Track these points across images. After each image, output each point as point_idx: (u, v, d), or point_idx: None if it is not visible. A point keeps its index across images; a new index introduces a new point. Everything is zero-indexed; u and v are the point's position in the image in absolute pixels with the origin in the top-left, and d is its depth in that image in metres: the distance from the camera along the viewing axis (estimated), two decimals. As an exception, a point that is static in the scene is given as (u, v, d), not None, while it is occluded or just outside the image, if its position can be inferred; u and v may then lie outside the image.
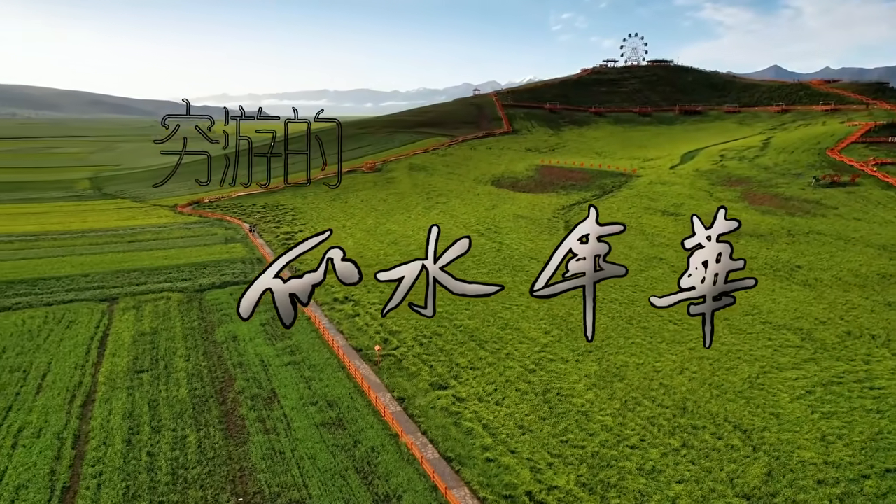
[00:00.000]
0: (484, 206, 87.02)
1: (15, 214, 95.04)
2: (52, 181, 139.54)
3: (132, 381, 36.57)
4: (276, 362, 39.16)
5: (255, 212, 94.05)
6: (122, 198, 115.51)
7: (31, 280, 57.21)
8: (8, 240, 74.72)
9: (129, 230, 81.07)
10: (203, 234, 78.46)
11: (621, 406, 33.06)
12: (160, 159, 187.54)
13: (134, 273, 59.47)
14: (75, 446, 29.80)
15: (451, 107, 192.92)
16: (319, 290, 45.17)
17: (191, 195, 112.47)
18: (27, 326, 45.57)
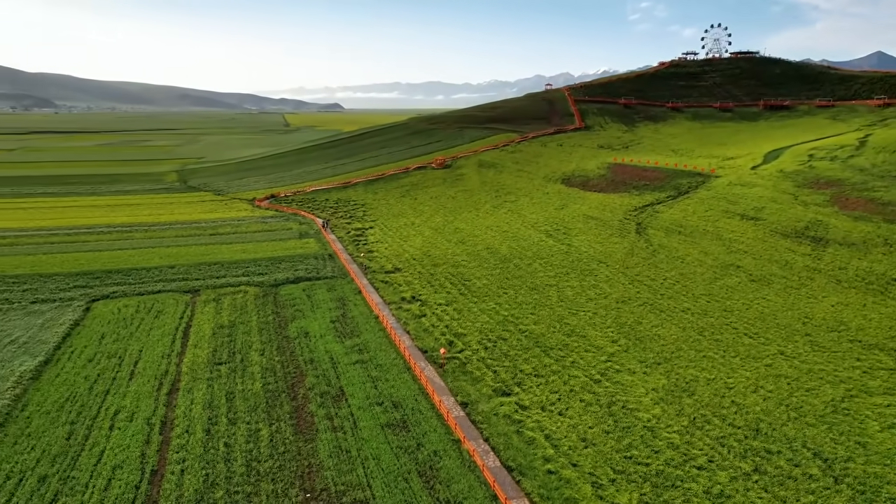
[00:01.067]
0: (553, 206, 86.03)
1: (113, 206, 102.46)
2: (144, 174, 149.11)
3: (211, 372, 38.85)
4: (344, 360, 40.50)
5: (328, 207, 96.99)
6: (204, 191, 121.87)
7: (125, 270, 61.71)
8: (107, 230, 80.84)
9: (211, 223, 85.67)
10: (279, 228, 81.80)
11: (689, 423, 32.11)
12: (241, 152, 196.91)
13: (215, 266, 62.93)
14: (162, 432, 32.09)
15: (521, 102, 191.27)
16: (387, 288, 46.98)
17: (268, 189, 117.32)
18: (122, 314, 49.27)
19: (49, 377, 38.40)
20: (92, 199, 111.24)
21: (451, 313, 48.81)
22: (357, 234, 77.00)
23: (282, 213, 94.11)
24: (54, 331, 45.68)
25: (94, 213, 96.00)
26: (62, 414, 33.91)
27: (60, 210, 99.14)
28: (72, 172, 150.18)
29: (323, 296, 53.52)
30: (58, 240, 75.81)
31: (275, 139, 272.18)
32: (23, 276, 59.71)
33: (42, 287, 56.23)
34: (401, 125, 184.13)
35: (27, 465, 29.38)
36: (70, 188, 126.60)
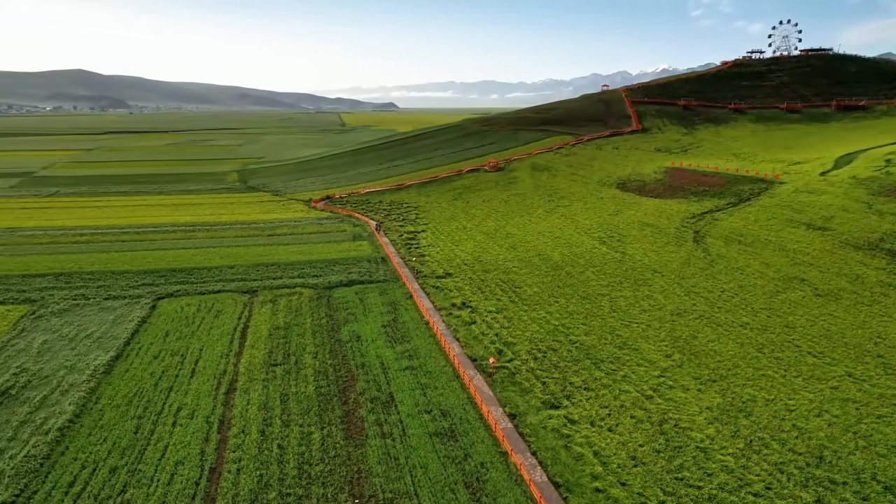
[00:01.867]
0: (607, 211, 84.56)
1: (178, 205, 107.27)
2: (207, 173, 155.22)
3: (267, 373, 40.22)
4: (394, 366, 41.13)
5: (381, 209, 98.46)
6: (263, 191, 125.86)
7: (188, 269, 64.54)
8: (172, 230, 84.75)
9: (269, 224, 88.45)
10: (333, 230, 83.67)
11: (745, 446, 31.04)
12: (298, 152, 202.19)
13: (272, 267, 64.98)
14: (220, 431, 33.49)
15: (577, 104, 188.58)
16: (438, 294, 47.29)
17: (324, 190, 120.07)
18: (184, 313, 51.59)
19: (119, 372, 40.66)
20: (159, 199, 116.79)
21: (501, 321, 48.79)
22: (409, 238, 77.89)
23: (336, 214, 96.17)
24: (124, 327, 48.31)
25: (161, 212, 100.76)
26: (130, 408, 35.88)
27: (131, 209, 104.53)
28: (142, 172, 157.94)
29: (375, 300, 54.45)
30: (128, 238, 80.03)
31: (331, 139, 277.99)
32: (97, 272, 63.31)
33: (114, 284, 59.49)
34: (454, 126, 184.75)
35: (100, 455, 31.25)
36: (140, 187, 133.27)
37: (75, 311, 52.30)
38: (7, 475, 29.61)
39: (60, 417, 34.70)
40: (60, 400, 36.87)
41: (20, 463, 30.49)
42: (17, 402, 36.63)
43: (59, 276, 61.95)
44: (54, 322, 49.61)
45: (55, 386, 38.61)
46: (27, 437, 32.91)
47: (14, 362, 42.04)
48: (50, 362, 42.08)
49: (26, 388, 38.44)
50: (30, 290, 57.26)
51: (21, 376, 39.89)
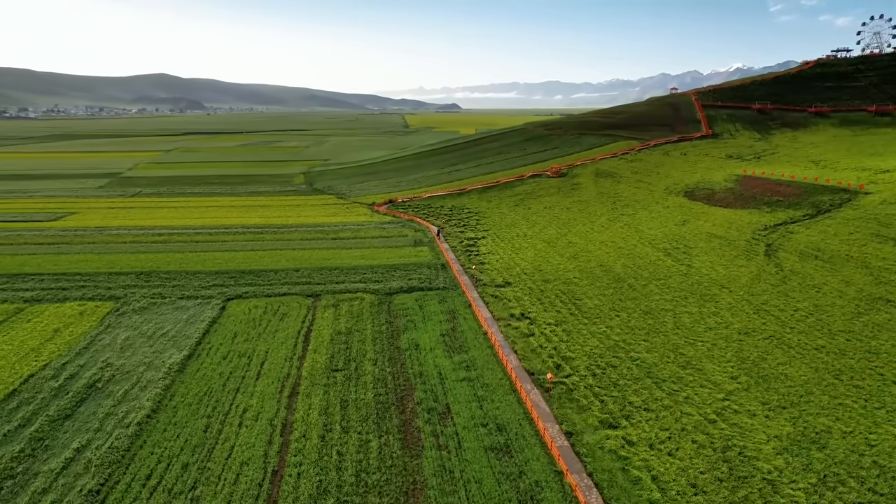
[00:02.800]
0: (673, 221, 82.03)
1: (248, 207, 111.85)
2: (275, 175, 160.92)
3: (328, 378, 41.43)
4: (452, 376, 41.48)
5: (442, 214, 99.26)
6: (328, 193, 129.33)
7: (256, 271, 67.23)
8: (242, 231, 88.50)
9: (333, 227, 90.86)
10: (395, 234, 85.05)
11: (818, 482, 29.50)
12: (363, 154, 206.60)
13: (335, 271, 66.77)
14: (282, 434, 34.80)
15: (643, 108, 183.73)
16: (497, 303, 47.25)
17: (387, 193, 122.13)
18: (252, 315, 53.82)
19: (191, 371, 42.90)
20: (230, 200, 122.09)
21: (559, 334, 48.31)
22: (469, 244, 78.19)
23: (398, 219, 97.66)
24: (196, 326, 50.91)
25: (232, 213, 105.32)
26: (201, 407, 37.82)
27: (204, 210, 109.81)
28: (215, 173, 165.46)
29: (434, 307, 55.04)
30: (201, 238, 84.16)
31: (394, 141, 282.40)
32: (173, 272, 66.97)
33: (188, 284, 62.75)
34: (517, 130, 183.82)
35: (173, 451, 33.14)
36: (213, 188, 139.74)
37: (153, 309, 55.54)
38: (94, 464, 31.90)
39: (139, 412, 37.00)
40: (139, 395, 39.30)
41: (105, 453, 32.76)
42: (103, 395, 39.33)
43: (140, 275, 65.92)
44: (135, 319, 52.88)
45: (135, 381, 41.17)
46: (111, 430, 35.31)
47: (101, 356, 45.13)
48: (131, 358, 44.90)
49: (110, 382, 41.19)
50: (115, 288, 61.23)
51: (106, 370, 42.80)
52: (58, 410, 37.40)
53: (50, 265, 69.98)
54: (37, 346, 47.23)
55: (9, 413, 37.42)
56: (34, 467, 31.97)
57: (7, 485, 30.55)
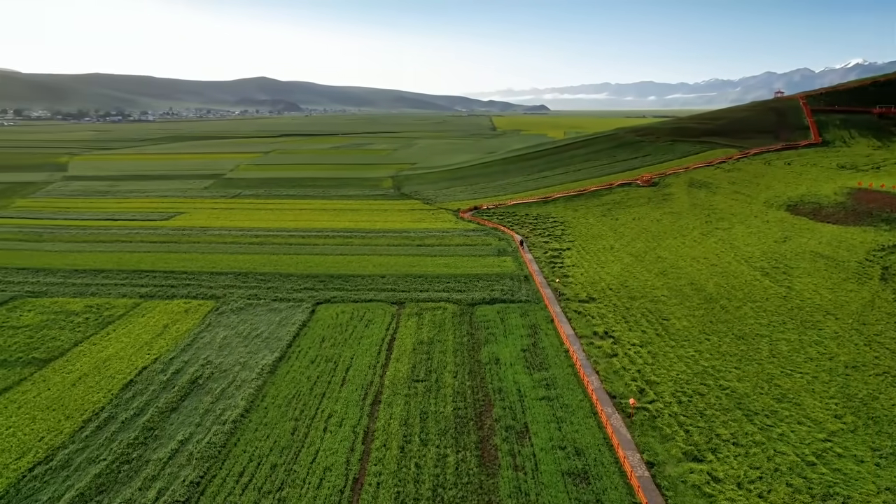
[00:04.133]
0: (773, 238, 77.12)
1: (338, 210, 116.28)
2: (365, 178, 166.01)
3: (409, 389, 42.43)
4: (531, 394, 41.30)
5: (527, 223, 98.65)
6: (415, 198, 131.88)
7: (344, 276, 69.83)
8: (332, 235, 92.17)
9: (419, 233, 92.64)
10: (479, 243, 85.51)
11: (931, 541, 26.96)
12: (450, 158, 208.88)
13: (419, 279, 68.10)
14: (364, 442, 36.07)
15: (744, 113, 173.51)
16: (580, 319, 46.40)
17: (472, 200, 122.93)
18: (339, 320, 56.02)
19: (282, 373, 45.31)
20: (322, 203, 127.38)
21: (644, 356, 46.85)
22: (554, 256, 77.26)
23: (483, 226, 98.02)
24: (287, 329, 53.66)
25: (323, 216, 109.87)
26: (289, 410, 39.89)
27: (297, 212, 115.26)
28: (308, 175, 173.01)
29: (516, 321, 54.94)
30: (295, 241, 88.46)
31: (481, 144, 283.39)
32: (268, 274, 70.89)
33: (281, 286, 66.20)
34: (607, 136, 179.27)
35: (263, 451, 35.23)
36: (306, 191, 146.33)
37: (249, 309, 59.09)
38: (195, 457, 34.54)
39: (234, 410, 39.59)
40: (235, 394, 42.02)
41: (204, 448, 35.37)
42: (203, 392, 42.39)
43: (238, 276, 70.29)
44: (233, 319, 56.49)
45: (231, 380, 44.05)
46: (209, 425, 38.04)
47: (202, 354, 48.64)
48: (228, 357, 48.06)
49: (210, 379, 44.31)
50: (216, 288, 65.68)
51: (206, 368, 46.07)
52: (166, 403, 40.71)
53: (161, 263, 76.09)
54: (149, 340, 51.58)
55: (126, 402, 41.18)
56: (146, 455, 35.03)
57: (124, 469, 33.70)
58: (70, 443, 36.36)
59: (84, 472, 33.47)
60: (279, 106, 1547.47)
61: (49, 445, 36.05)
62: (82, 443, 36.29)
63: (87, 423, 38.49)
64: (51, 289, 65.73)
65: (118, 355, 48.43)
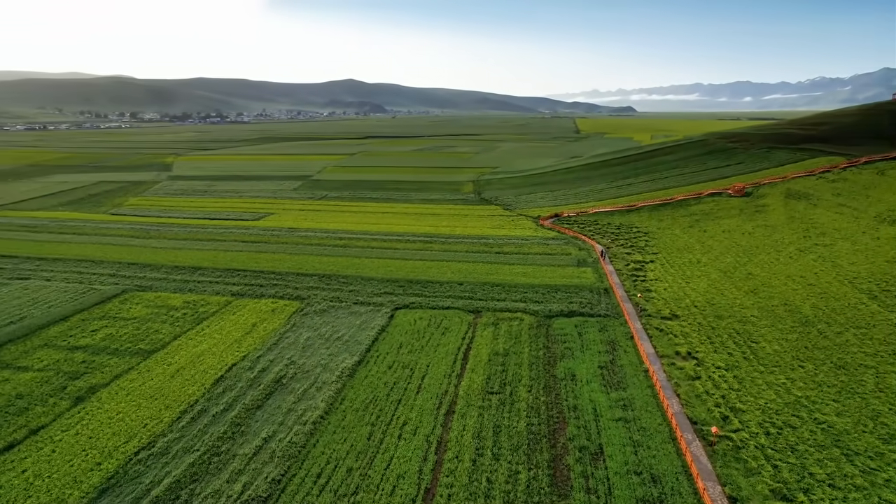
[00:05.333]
0: (884, 257, 71.02)
1: (419, 214, 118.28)
2: (445, 182, 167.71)
3: (483, 401, 42.61)
4: (607, 414, 40.39)
5: (609, 232, 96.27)
6: (495, 204, 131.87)
7: (423, 281, 70.99)
8: (413, 239, 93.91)
9: (497, 240, 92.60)
10: (558, 252, 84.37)
11: None
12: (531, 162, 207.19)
13: (497, 288, 68.13)
14: (437, 452, 36.62)
15: (853, 117, 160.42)
16: (662, 338, 44.84)
17: (552, 207, 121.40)
18: (416, 326, 57.05)
19: (360, 376, 46.78)
20: (403, 207, 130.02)
21: (729, 381, 44.60)
22: (636, 268, 74.96)
23: (563, 235, 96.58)
24: (367, 333, 55.28)
25: (405, 220, 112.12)
26: (366, 414, 41.13)
27: (380, 216, 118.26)
28: (391, 178, 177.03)
29: (594, 336, 53.84)
30: (376, 244, 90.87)
31: (564, 148, 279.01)
32: (350, 277, 73.28)
33: (362, 290, 68.25)
34: (697, 142, 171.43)
35: (340, 454, 36.55)
36: (389, 194, 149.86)
37: (331, 312, 61.36)
38: (277, 455, 36.39)
39: (314, 412, 41.31)
40: (315, 395, 43.83)
41: (286, 447, 37.18)
42: (286, 391, 44.51)
43: (322, 278, 73.12)
44: (316, 321, 58.87)
45: (313, 381, 45.98)
46: (291, 425, 39.92)
47: (286, 354, 51.06)
48: (311, 358, 50.17)
49: (293, 379, 46.46)
50: (301, 289, 68.68)
51: (290, 368, 48.32)
52: (252, 400, 43.10)
53: (252, 263, 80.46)
54: (239, 337, 54.75)
55: (217, 396, 43.96)
56: (233, 449, 37.27)
57: (214, 461, 36.04)
58: (169, 431, 39.28)
59: (180, 460, 36.07)
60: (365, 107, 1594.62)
61: (151, 432, 39.12)
62: (179, 432, 39.11)
63: (184, 414, 41.42)
64: (155, 284, 71.13)
65: (211, 351, 51.74)
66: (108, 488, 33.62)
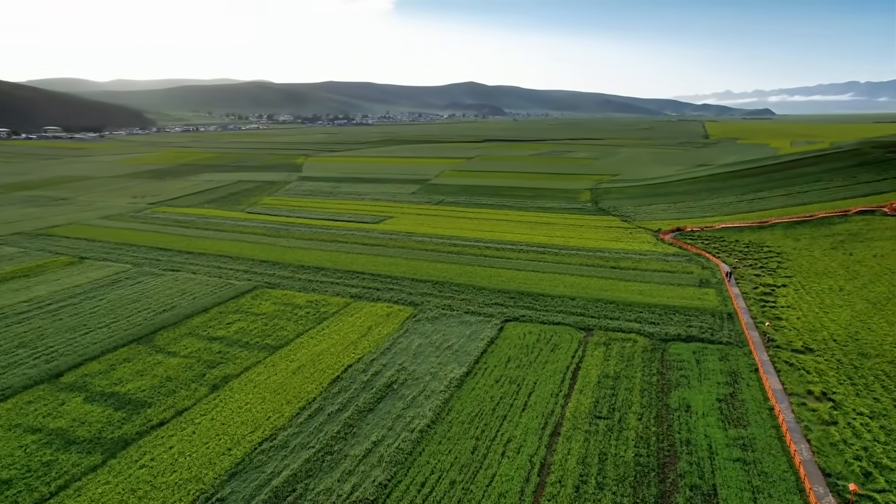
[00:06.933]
0: None
1: (533, 223, 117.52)
2: (561, 190, 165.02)
3: (590, 425, 41.64)
4: (724, 453, 37.93)
5: (736, 250, 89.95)
6: (613, 214, 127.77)
7: (534, 294, 70.55)
8: (526, 249, 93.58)
9: (614, 254, 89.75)
10: (679, 270, 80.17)
11: None
12: (653, 170, 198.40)
13: (610, 305, 66.15)
14: (539, 474, 36.36)
15: None
16: (792, 373, 41.51)
17: (674, 220, 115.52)
18: (525, 341, 56.89)
19: (468, 388, 47.51)
20: (518, 214, 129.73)
21: (875, 431, 40.09)
22: (765, 292, 69.42)
23: (685, 251, 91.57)
24: (476, 344, 55.99)
25: (519, 228, 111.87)
26: (471, 428, 41.72)
27: (494, 223, 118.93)
28: (507, 184, 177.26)
29: (713, 365, 50.70)
30: (489, 253, 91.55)
31: (690, 155, 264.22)
32: (462, 285, 74.49)
33: (473, 299, 69.15)
34: (847, 151, 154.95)
35: (444, 466, 37.42)
36: (504, 200, 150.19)
37: (442, 320, 62.79)
38: (385, 460, 37.99)
39: (422, 420, 42.58)
40: (423, 403, 45.14)
41: (393, 452, 38.71)
42: (396, 397, 46.27)
43: (435, 284, 74.99)
44: (427, 328, 60.56)
45: (422, 389, 47.39)
46: (399, 431, 41.46)
47: (398, 359, 53.05)
48: (421, 365, 51.73)
49: (403, 385, 48.19)
50: (415, 294, 70.93)
51: (401, 374, 50.16)
52: (364, 403, 45.28)
53: (370, 266, 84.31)
54: (355, 339, 57.68)
55: (333, 396, 46.68)
56: (344, 450, 39.42)
57: (327, 459, 38.35)
58: (288, 426, 42.32)
59: (297, 455, 38.76)
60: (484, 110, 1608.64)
61: (273, 425, 42.37)
62: (297, 428, 42.02)
63: (302, 411, 44.41)
64: (283, 282, 76.77)
65: (329, 351, 54.97)
66: (236, 473, 36.90)
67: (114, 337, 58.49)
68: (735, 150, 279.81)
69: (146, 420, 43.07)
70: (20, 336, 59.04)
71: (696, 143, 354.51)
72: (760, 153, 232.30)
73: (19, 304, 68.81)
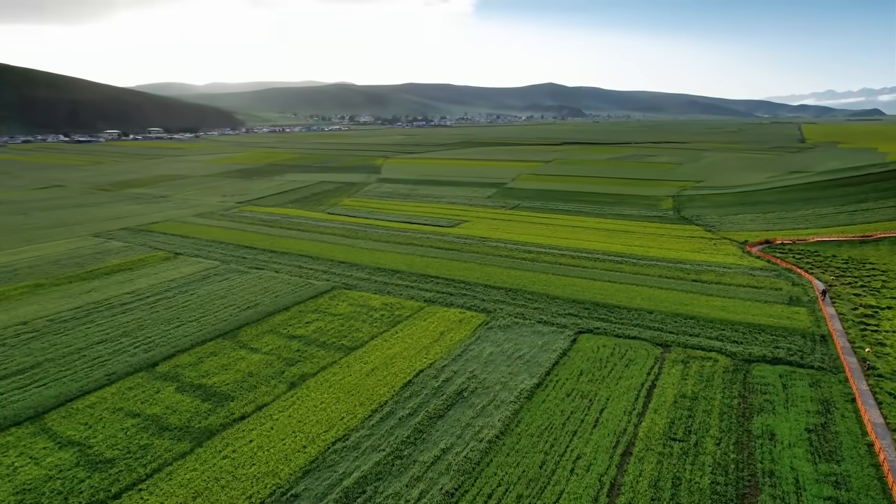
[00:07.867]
0: None
1: (611, 231, 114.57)
2: (641, 196, 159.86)
3: (664, 447, 40.25)
4: (812, 490, 35.62)
5: (832, 267, 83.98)
6: (696, 224, 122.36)
7: (609, 306, 68.90)
8: (602, 258, 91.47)
9: (695, 266, 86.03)
10: (766, 286, 75.82)
11: None
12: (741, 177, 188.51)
13: (690, 321, 63.55)
14: (609, 495, 35.56)
15: None
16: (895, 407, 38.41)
17: (763, 231, 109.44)
18: (599, 354, 55.70)
19: (538, 400, 47.12)
20: (595, 221, 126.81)
21: None
22: (866, 314, 64.40)
23: (774, 265, 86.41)
24: (548, 355, 55.39)
25: (595, 236, 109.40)
26: (540, 441, 41.37)
27: (570, 229, 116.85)
28: (585, 189, 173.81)
29: (802, 391, 47.65)
30: (564, 261, 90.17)
31: (783, 160, 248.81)
32: (535, 294, 73.83)
33: (547, 308, 68.41)
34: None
35: (511, 478, 37.33)
36: (580, 206, 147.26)
37: (515, 328, 62.53)
38: (453, 468, 38.37)
39: (491, 430, 42.66)
40: (493, 413, 45.19)
41: (461, 461, 39.04)
42: (466, 405, 46.58)
43: (509, 291, 74.75)
44: (499, 336, 60.51)
45: (492, 398, 47.45)
46: (468, 440, 41.74)
47: (469, 367, 53.36)
48: (492, 374, 51.79)
49: (473, 394, 48.43)
50: (487, 301, 71.03)
51: (471, 381, 50.43)
52: (435, 409, 45.87)
53: (444, 270, 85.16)
54: (427, 344, 58.50)
55: (404, 400, 47.61)
56: (414, 455, 40.13)
57: (397, 463, 39.19)
58: (360, 427, 43.57)
59: (368, 457, 39.84)
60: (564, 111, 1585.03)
61: (347, 426, 43.75)
62: (369, 430, 43.18)
63: (374, 413, 45.58)
64: (359, 283, 78.98)
65: (402, 354, 56.06)
66: (310, 470, 38.42)
67: (202, 331, 62.29)
68: (835, 155, 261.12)
69: (229, 413, 45.63)
70: (124, 325, 64.07)
71: (790, 147, 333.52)
72: (866, 159, 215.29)
73: (124, 295, 74.65)
